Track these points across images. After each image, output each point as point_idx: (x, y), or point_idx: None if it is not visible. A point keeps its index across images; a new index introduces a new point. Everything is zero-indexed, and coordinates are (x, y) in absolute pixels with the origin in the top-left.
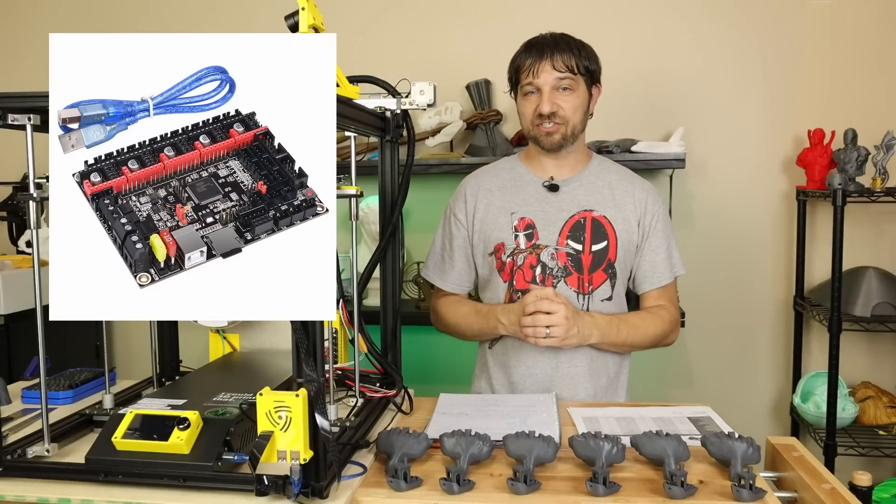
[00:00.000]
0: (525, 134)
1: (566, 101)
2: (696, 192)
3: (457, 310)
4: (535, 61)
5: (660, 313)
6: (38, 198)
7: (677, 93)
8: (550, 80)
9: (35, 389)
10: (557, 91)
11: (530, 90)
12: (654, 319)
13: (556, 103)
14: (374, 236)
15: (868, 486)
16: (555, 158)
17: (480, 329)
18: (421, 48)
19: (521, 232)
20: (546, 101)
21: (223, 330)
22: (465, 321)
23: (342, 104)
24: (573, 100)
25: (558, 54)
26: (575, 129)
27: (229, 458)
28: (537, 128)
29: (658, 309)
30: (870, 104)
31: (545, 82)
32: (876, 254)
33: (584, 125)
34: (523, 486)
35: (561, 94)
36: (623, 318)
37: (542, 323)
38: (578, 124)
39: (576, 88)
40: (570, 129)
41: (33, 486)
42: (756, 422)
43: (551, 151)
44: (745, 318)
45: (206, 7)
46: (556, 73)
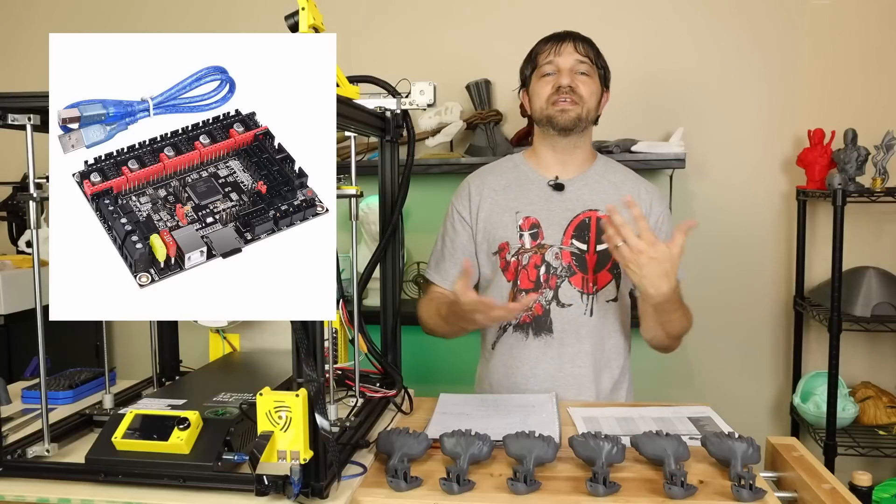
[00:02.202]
0: (536, 118)
1: (584, 83)
2: (696, 192)
3: (428, 305)
4: (556, 44)
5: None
6: (38, 198)
7: (677, 93)
8: (571, 61)
9: (35, 389)
10: (576, 74)
11: (549, 71)
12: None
13: (574, 81)
14: (374, 236)
15: (868, 486)
16: (562, 153)
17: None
18: (421, 48)
19: (526, 231)
20: (566, 74)
21: (223, 330)
22: (436, 313)
23: (342, 104)
24: (591, 84)
25: (580, 41)
26: (589, 113)
27: (229, 458)
28: (552, 105)
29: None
30: (870, 104)
31: (566, 62)
32: (876, 254)
33: (596, 118)
34: (523, 486)
35: (579, 77)
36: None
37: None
38: (592, 111)
39: (592, 76)
40: (584, 111)
41: (33, 486)
42: (756, 422)
43: (563, 132)
44: (745, 318)
45: (206, 7)
46: (577, 56)
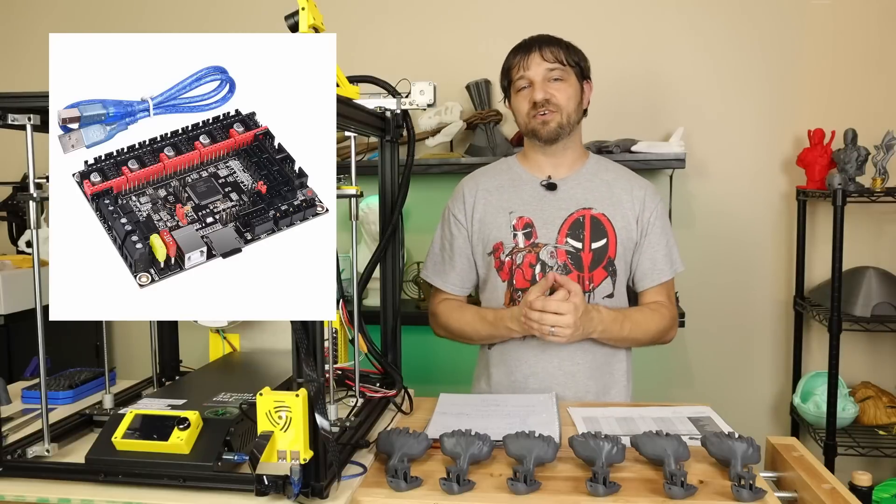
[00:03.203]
0: (522, 131)
1: (559, 90)
2: (696, 192)
3: (460, 316)
4: (524, 56)
5: (661, 310)
6: (38, 198)
7: (677, 93)
8: (541, 70)
9: (35, 389)
10: (549, 82)
11: (523, 85)
12: (655, 316)
13: (549, 91)
14: (374, 236)
15: (868, 486)
16: (552, 156)
17: (490, 335)
18: (421, 48)
19: (520, 231)
20: (539, 89)
21: (223, 330)
22: (472, 328)
23: (342, 104)
24: (566, 89)
25: (546, 47)
26: (570, 118)
27: (229, 458)
28: (533, 119)
29: (658, 306)
30: (870, 104)
31: (536, 73)
32: (876, 254)
33: (580, 118)
34: (523, 486)
35: (553, 84)
36: (627, 313)
37: (548, 322)
38: (573, 114)
39: (567, 79)
40: (565, 118)
41: (33, 486)
42: (756, 422)
43: (549, 143)
44: (745, 318)
45: (206, 7)
46: (546, 64)
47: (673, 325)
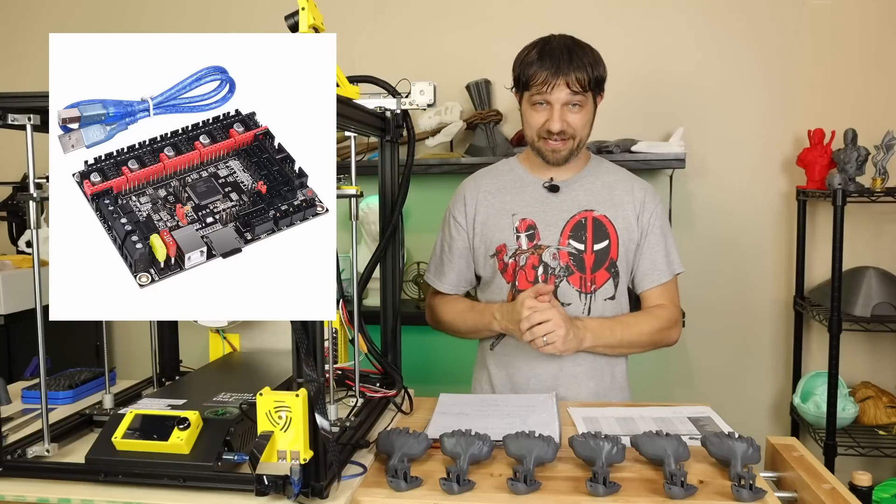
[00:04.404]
0: (527, 141)
1: (576, 118)
2: (696, 192)
3: (452, 307)
4: (549, 77)
5: (655, 312)
6: (38, 198)
7: (677, 93)
8: (563, 97)
9: (35, 389)
10: (567, 107)
11: (539, 102)
12: (648, 318)
13: (565, 121)
14: (374, 236)
15: (868, 486)
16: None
17: (476, 325)
18: (421, 48)
19: (523, 233)
20: (556, 119)
21: (223, 330)
22: (461, 317)
23: (342, 104)
24: (582, 116)
25: (573, 73)
26: (581, 142)
27: (229, 458)
28: (544, 142)
29: (655, 308)
30: (870, 104)
31: (558, 99)
32: (876, 254)
33: (589, 134)
34: (523, 486)
35: (570, 111)
36: (616, 318)
37: (539, 334)
38: (585, 137)
39: (585, 105)
40: (576, 144)
41: (33, 486)
42: (756, 422)
43: (555, 165)
44: (745, 318)
45: (206, 7)
46: (570, 92)
47: (672, 326)
